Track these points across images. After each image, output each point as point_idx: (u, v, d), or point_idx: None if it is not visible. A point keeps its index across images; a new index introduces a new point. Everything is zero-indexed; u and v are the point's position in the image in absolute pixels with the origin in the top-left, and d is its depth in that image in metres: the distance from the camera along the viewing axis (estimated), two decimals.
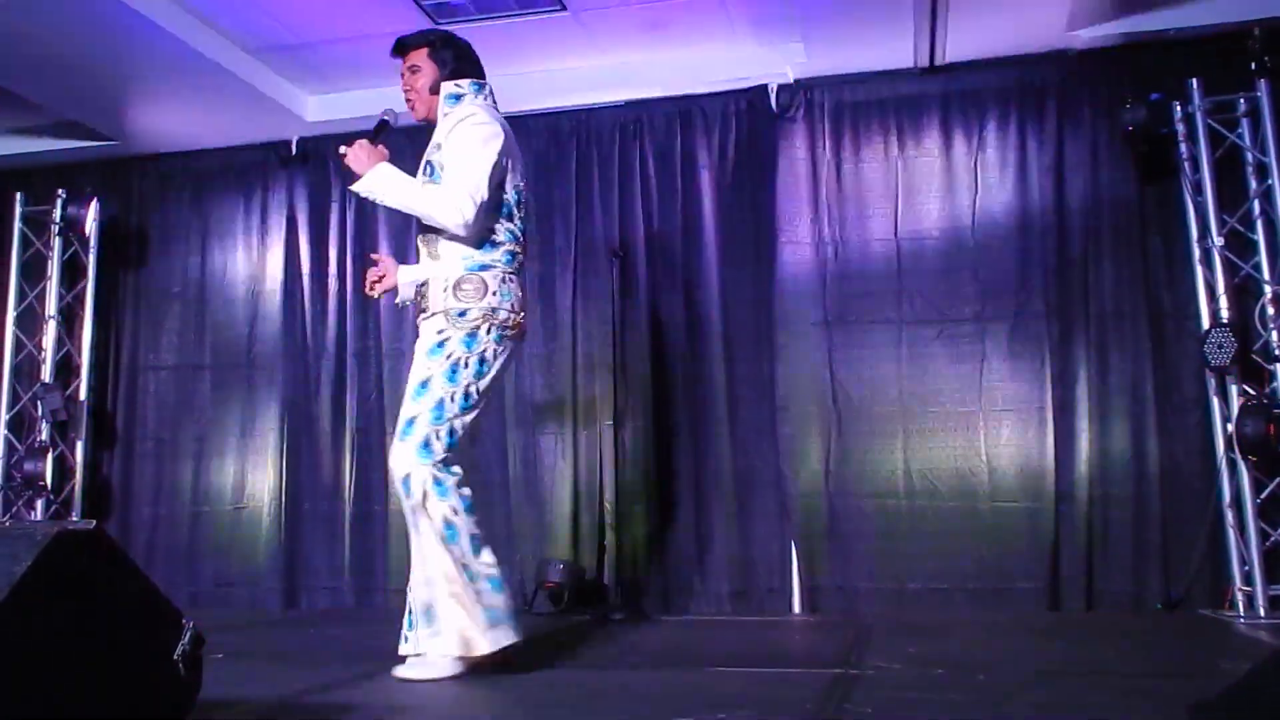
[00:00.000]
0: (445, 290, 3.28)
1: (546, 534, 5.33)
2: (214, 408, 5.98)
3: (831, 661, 3.53)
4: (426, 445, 3.19)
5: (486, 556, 3.23)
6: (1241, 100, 4.79)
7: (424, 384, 3.24)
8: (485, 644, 3.19)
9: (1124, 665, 3.46)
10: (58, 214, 6.02)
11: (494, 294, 3.28)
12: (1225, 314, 4.63)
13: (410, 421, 3.21)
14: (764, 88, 5.40)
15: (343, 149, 3.36)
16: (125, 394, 6.14)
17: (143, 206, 6.29)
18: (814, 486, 5.11)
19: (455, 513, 3.19)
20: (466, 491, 3.24)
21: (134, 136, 6.00)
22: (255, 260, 6.06)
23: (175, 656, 2.29)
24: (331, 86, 5.74)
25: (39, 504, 5.79)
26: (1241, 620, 4.40)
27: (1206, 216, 4.73)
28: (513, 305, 3.34)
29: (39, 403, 5.86)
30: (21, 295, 6.06)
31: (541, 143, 5.66)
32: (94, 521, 2.20)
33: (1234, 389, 4.62)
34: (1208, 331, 4.64)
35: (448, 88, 3.41)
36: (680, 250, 5.43)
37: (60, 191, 6.04)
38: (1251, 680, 2.19)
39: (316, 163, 5.93)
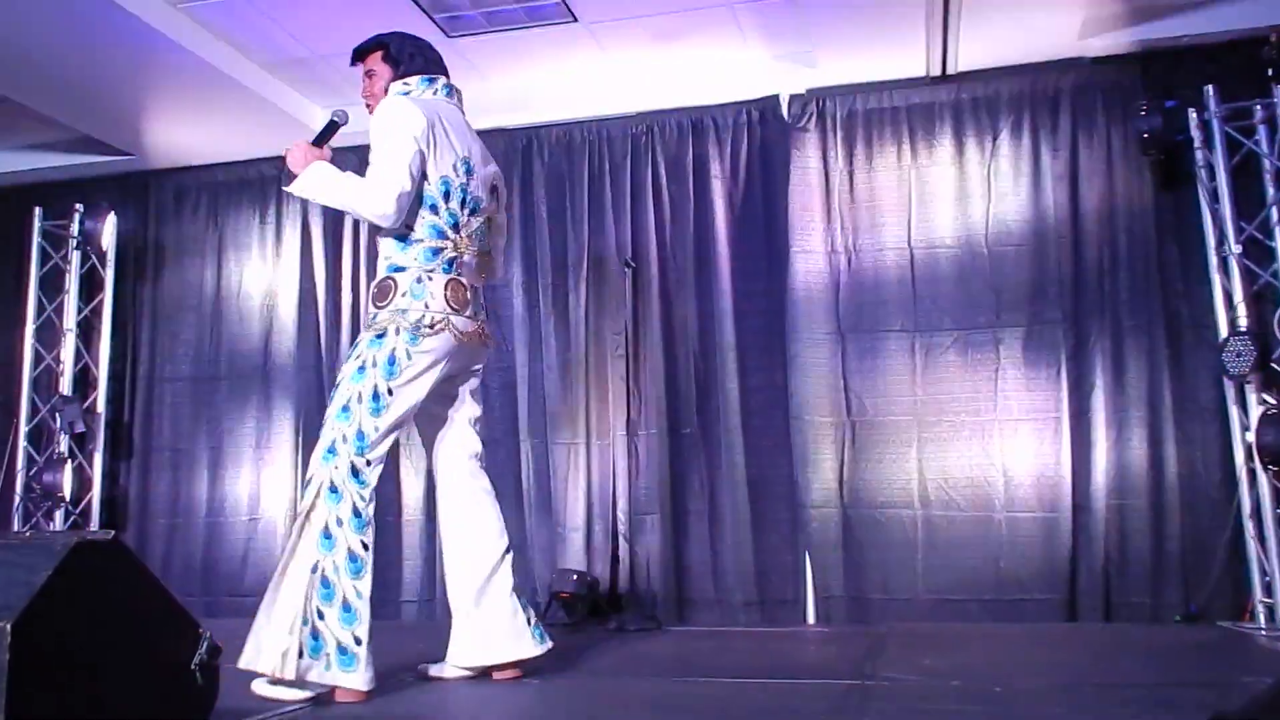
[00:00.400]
0: (372, 295, 3.24)
1: (560, 544, 5.33)
2: (229, 419, 6.00)
3: (846, 673, 3.50)
4: (332, 449, 3.06)
5: (360, 583, 2.98)
6: (1258, 106, 4.74)
7: (335, 386, 3.19)
8: (290, 669, 2.88)
9: (1142, 678, 3.42)
10: (75, 228, 6.08)
11: (403, 295, 3.15)
12: (1243, 322, 4.59)
13: (321, 425, 3.14)
14: (776, 98, 5.40)
15: (284, 149, 3.24)
16: (142, 406, 6.18)
17: (159, 220, 6.34)
18: (828, 497, 5.09)
19: (339, 524, 2.99)
20: (367, 509, 3.04)
21: (150, 151, 6.05)
22: (270, 273, 6.10)
23: (192, 666, 2.30)
24: (343, 99, 5.72)
25: (58, 515, 5.83)
26: (1262, 633, 4.34)
27: (1224, 224, 4.70)
28: (428, 304, 3.16)
29: (57, 415, 5.91)
30: (40, 309, 6.11)
31: (553, 154, 5.69)
32: (112, 532, 2.22)
33: (1253, 398, 4.57)
34: (1226, 340, 4.61)
35: (395, 86, 3.33)
36: (693, 260, 5.43)
37: (78, 206, 6.11)
38: (1273, 693, 2.16)
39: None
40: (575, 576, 5.06)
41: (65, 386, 6.01)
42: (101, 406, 6.07)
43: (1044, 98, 5.13)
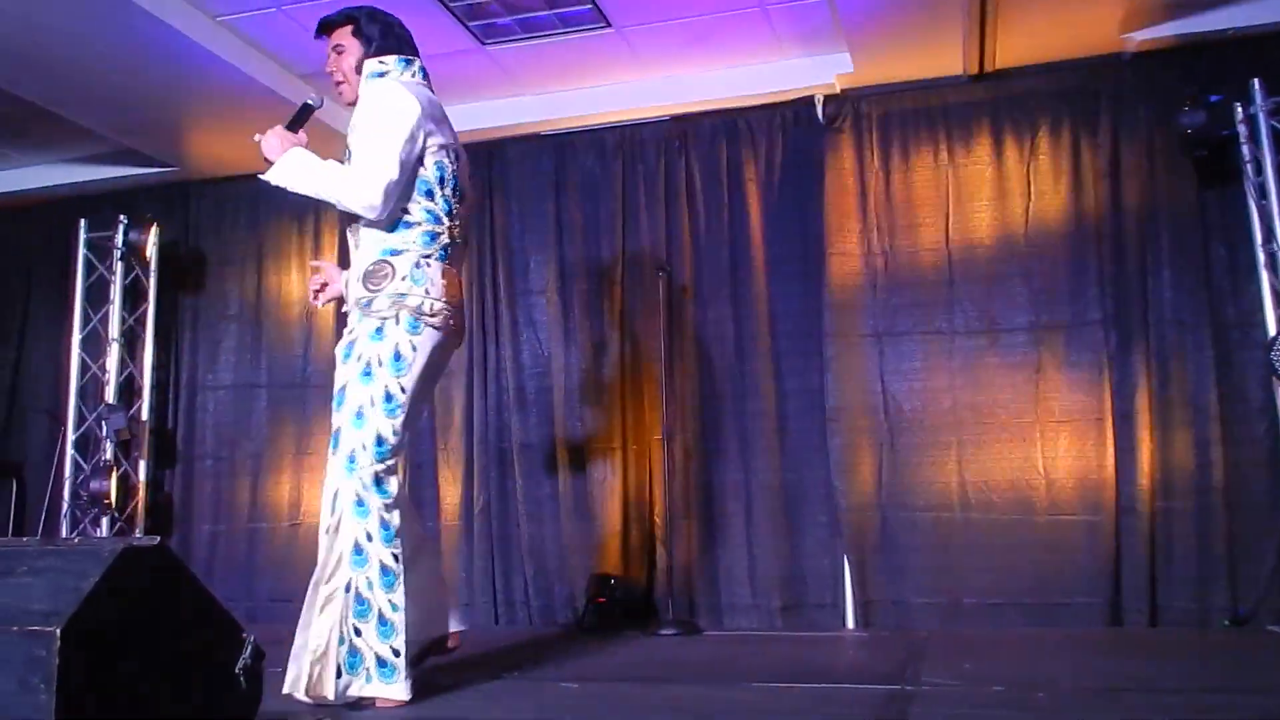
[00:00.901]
0: (357, 280, 3.04)
1: (597, 549, 5.33)
2: (270, 426, 6.08)
3: (886, 678, 3.47)
4: (352, 459, 2.96)
5: (394, 595, 2.93)
6: None
7: (340, 392, 3.02)
8: (330, 689, 2.87)
9: (1189, 683, 3.36)
10: (119, 239, 6.16)
11: (403, 279, 3.00)
12: None
13: (335, 434, 3.01)
14: (810, 99, 5.38)
15: (256, 136, 3.09)
16: (185, 413, 6.27)
17: (200, 230, 6.43)
18: (866, 499, 5.06)
19: (369, 539, 2.93)
20: (393, 518, 2.97)
21: (191, 162, 6.13)
22: (309, 281, 6.12)
23: (237, 669, 2.32)
24: None
25: (104, 521, 5.91)
26: None
27: (1271, 221, 4.59)
28: (428, 290, 3.02)
29: (103, 423, 6.00)
30: (86, 319, 6.20)
31: (588, 158, 5.70)
32: (157, 538, 2.25)
33: None
34: (1274, 339, 4.51)
35: (370, 65, 3.16)
36: (728, 263, 5.42)
37: (121, 217, 6.19)
38: None
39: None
40: (612, 580, 5.07)
41: (110, 395, 6.10)
42: (146, 414, 6.16)
43: (1084, 94, 5.07)
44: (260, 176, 3.08)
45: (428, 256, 3.07)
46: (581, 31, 5.02)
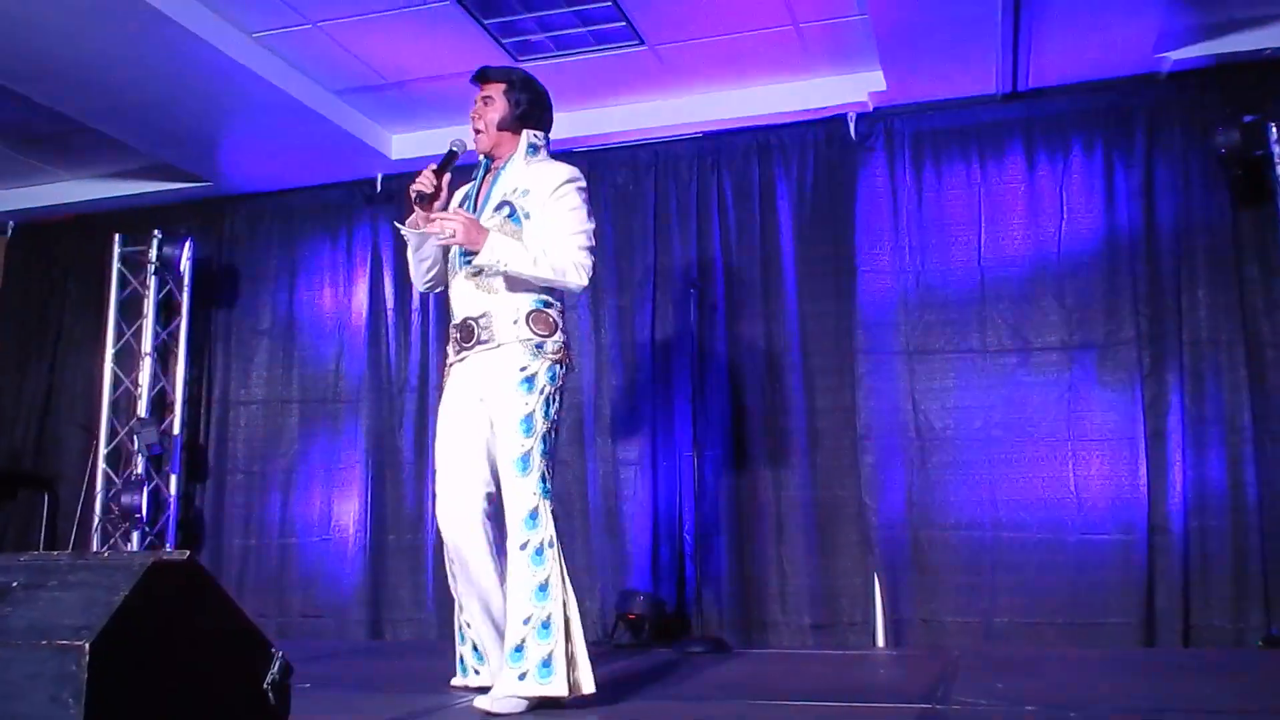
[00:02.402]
0: (516, 322, 3.26)
1: (626, 565, 5.32)
2: (301, 441, 6.10)
3: (917, 697, 3.45)
4: (544, 479, 3.23)
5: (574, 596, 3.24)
6: None
7: (528, 419, 3.22)
8: (589, 683, 3.17)
9: (1224, 704, 3.33)
10: (154, 254, 6.21)
11: (561, 330, 3.35)
12: None
13: (525, 456, 3.20)
14: (843, 117, 5.39)
15: (437, 221, 3.25)
16: (217, 428, 6.30)
17: (233, 245, 6.49)
18: (897, 518, 5.04)
19: (561, 551, 3.23)
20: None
21: (225, 178, 6.20)
22: (341, 297, 6.19)
23: (265, 685, 2.32)
24: (414, 125, 5.87)
25: (135, 535, 5.94)
26: None
27: None
28: (569, 345, 3.42)
29: (135, 437, 6.03)
30: (120, 333, 6.25)
31: (620, 175, 5.72)
32: (188, 552, 2.25)
33: None
34: None
35: (530, 136, 3.46)
36: (759, 280, 5.42)
37: (156, 232, 6.25)
38: None
39: (400, 200, 6.02)
40: (641, 597, 5.06)
41: (143, 409, 6.14)
42: (178, 429, 6.21)
43: (1117, 113, 5.06)
44: (475, 262, 3.24)
45: (564, 311, 3.42)
46: (614, 49, 5.05)
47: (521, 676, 3.08)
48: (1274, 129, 4.67)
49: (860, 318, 5.20)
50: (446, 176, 3.42)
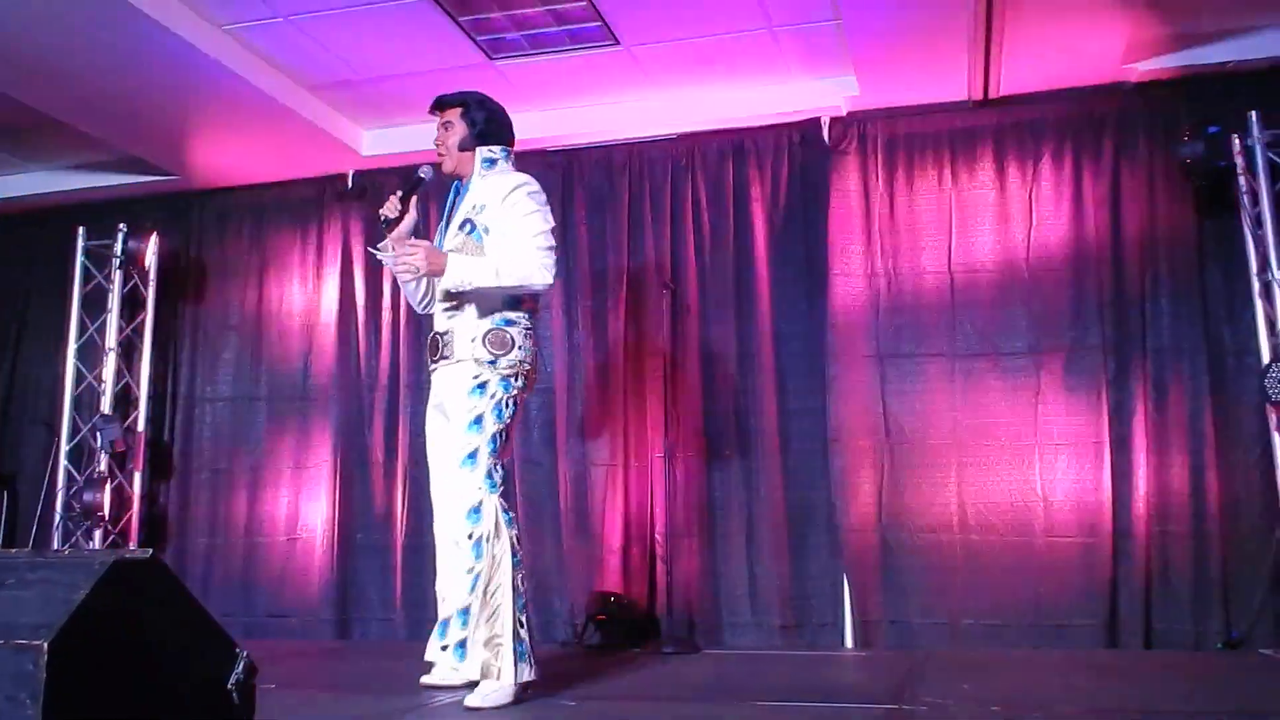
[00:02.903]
0: (474, 340, 3.41)
1: (597, 566, 5.32)
2: (269, 439, 6.04)
3: (884, 698, 3.48)
4: (490, 476, 3.34)
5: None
6: None
7: (477, 420, 3.36)
8: (530, 672, 3.30)
9: (1184, 705, 3.39)
10: (119, 248, 6.12)
11: (519, 348, 3.44)
12: None
13: (473, 453, 3.34)
14: (816, 121, 5.42)
15: (394, 257, 3.40)
16: (182, 425, 6.22)
17: (201, 240, 6.40)
18: (866, 520, 5.07)
19: (516, 544, 3.36)
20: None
21: (193, 171, 6.12)
22: (310, 293, 6.14)
23: (229, 685, 2.30)
24: (386, 121, 5.84)
25: (97, 534, 5.85)
26: None
27: (1266, 250, 4.65)
28: (531, 359, 3.51)
29: (98, 434, 5.94)
30: (83, 328, 6.15)
31: (595, 175, 5.72)
32: (150, 551, 2.22)
33: None
34: (1268, 366, 4.57)
35: (483, 151, 3.58)
36: (732, 283, 5.43)
37: (121, 225, 6.15)
38: None
39: (371, 196, 5.99)
40: (612, 598, 5.06)
41: (106, 405, 6.04)
42: (142, 426, 6.11)
43: (1086, 122, 5.12)
44: (444, 287, 3.43)
45: (529, 330, 3.51)
46: (589, 49, 5.04)
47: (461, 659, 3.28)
48: (1237, 140, 4.76)
49: (831, 321, 5.22)
50: (413, 201, 3.59)
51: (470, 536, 3.29)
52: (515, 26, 4.86)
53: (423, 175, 3.65)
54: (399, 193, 3.59)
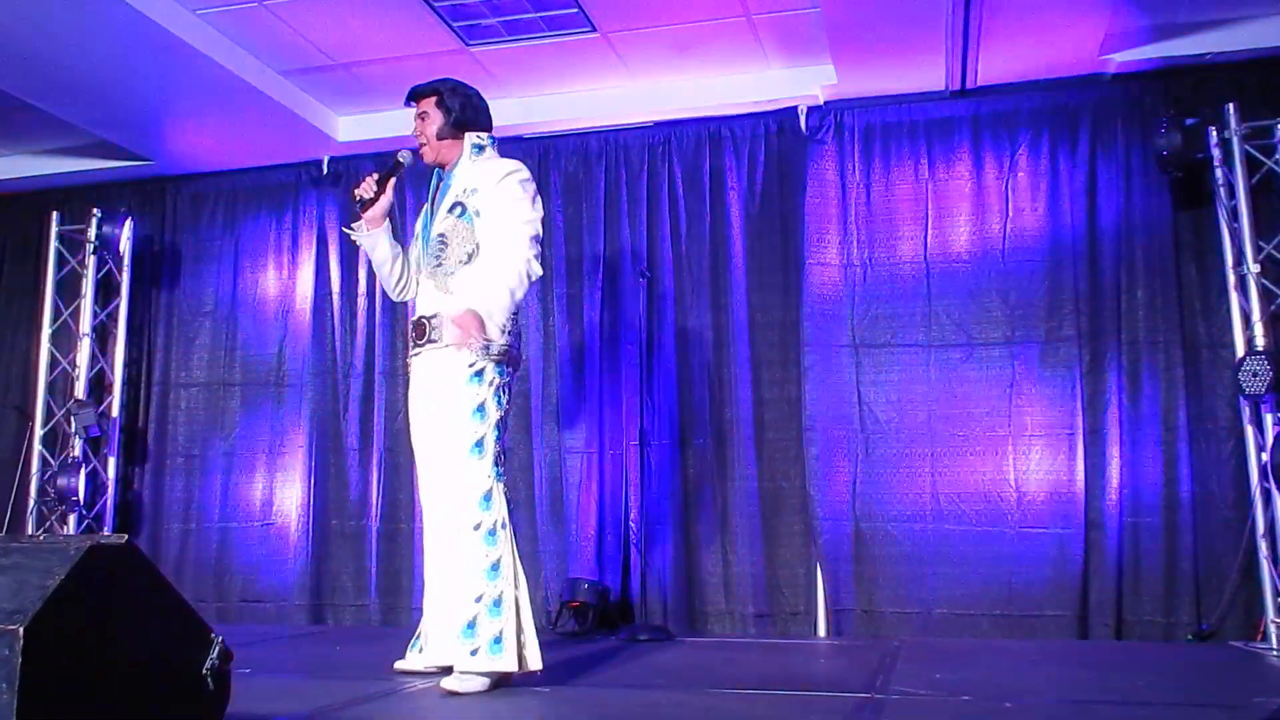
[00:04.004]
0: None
1: (571, 553, 5.32)
2: (243, 425, 6.02)
3: (857, 686, 3.50)
4: (496, 463, 3.39)
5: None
6: (1279, 126, 4.73)
7: (480, 407, 3.37)
8: (537, 660, 3.34)
9: (1154, 696, 3.41)
10: (93, 233, 6.09)
11: (509, 333, 3.43)
12: (1260, 342, 4.55)
13: (479, 441, 3.35)
14: (793, 109, 5.40)
15: (461, 337, 3.28)
16: (157, 411, 6.20)
17: (176, 226, 6.36)
18: (840, 509, 5.08)
19: (514, 534, 3.42)
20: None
21: (168, 157, 6.08)
22: (286, 279, 6.11)
23: (203, 671, 2.30)
24: (361, 107, 5.80)
25: (71, 519, 5.83)
26: (1274, 653, 4.31)
27: (1242, 243, 4.66)
28: (519, 343, 3.60)
29: (72, 419, 5.91)
30: (56, 313, 6.12)
31: (571, 162, 5.70)
32: (125, 536, 2.22)
33: (1269, 418, 4.53)
34: (1242, 359, 4.58)
35: (471, 138, 3.60)
36: (708, 271, 5.43)
37: (95, 211, 6.11)
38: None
39: (347, 182, 5.96)
40: (586, 585, 5.06)
41: (80, 391, 6.01)
42: (116, 411, 6.08)
43: (1064, 113, 5.12)
44: (489, 339, 3.34)
45: (516, 311, 3.49)
46: (566, 35, 5.01)
47: (474, 652, 3.22)
48: (1214, 132, 4.76)
49: (807, 310, 5.23)
50: (391, 183, 3.64)
51: (482, 524, 3.30)
52: (492, 12, 4.83)
53: (402, 160, 3.67)
54: (375, 174, 3.62)
